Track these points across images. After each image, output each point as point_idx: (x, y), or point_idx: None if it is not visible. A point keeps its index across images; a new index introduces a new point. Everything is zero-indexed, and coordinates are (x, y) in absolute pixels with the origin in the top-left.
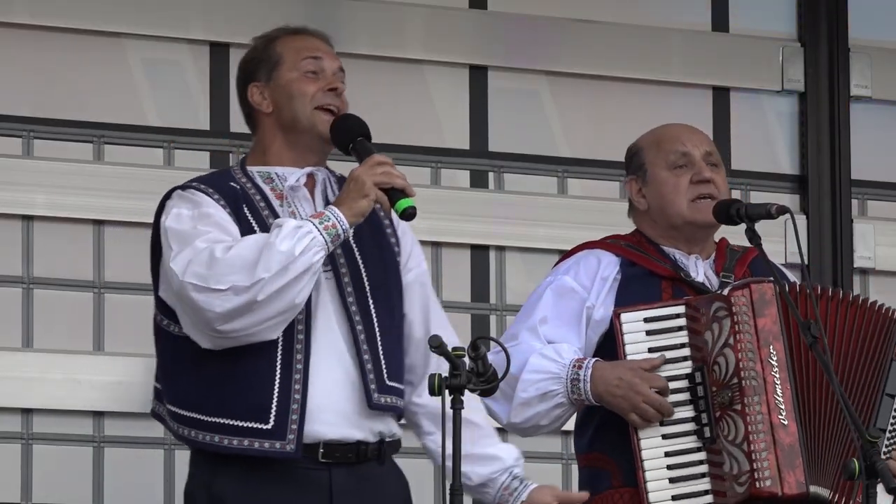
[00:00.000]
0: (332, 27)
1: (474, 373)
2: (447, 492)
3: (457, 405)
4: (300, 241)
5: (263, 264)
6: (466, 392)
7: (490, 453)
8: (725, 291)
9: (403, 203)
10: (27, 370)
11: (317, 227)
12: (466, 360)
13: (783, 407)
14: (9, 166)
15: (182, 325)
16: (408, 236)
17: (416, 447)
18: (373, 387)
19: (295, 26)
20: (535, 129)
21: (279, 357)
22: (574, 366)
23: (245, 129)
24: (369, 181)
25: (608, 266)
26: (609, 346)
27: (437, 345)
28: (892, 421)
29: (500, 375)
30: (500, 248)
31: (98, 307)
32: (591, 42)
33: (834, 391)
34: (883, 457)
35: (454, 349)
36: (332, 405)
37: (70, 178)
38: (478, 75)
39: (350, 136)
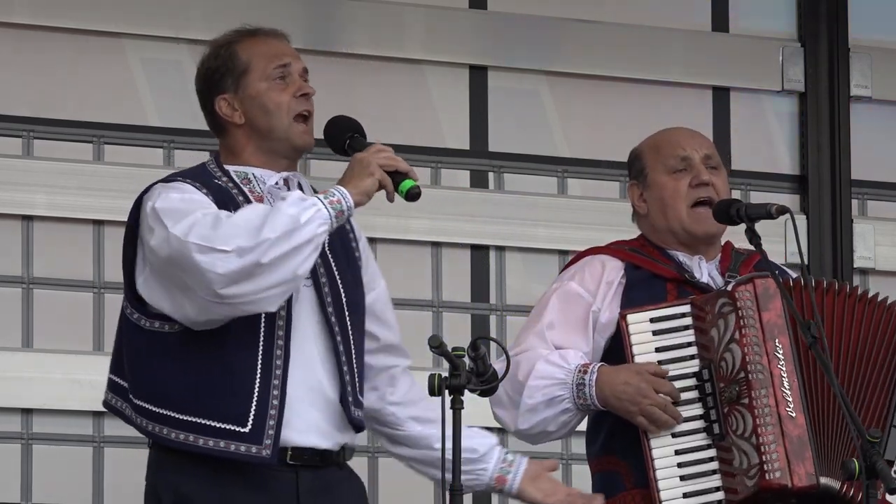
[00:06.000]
0: (332, 27)
1: (474, 373)
2: (447, 492)
3: (457, 405)
4: (306, 210)
5: (269, 226)
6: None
7: (472, 444)
8: (730, 287)
9: (407, 184)
10: (27, 370)
11: (322, 202)
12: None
13: (790, 399)
14: (9, 166)
15: (169, 305)
16: (367, 252)
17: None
18: (350, 399)
19: (251, 27)
20: (535, 129)
21: (259, 361)
22: (580, 371)
23: None
24: (374, 162)
25: (612, 270)
26: (617, 348)
27: (437, 345)
28: None
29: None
30: (500, 248)
31: (98, 307)
32: (591, 42)
33: (833, 389)
34: None
35: (454, 349)
36: (304, 414)
37: (70, 178)
38: (478, 75)
39: (343, 135)
